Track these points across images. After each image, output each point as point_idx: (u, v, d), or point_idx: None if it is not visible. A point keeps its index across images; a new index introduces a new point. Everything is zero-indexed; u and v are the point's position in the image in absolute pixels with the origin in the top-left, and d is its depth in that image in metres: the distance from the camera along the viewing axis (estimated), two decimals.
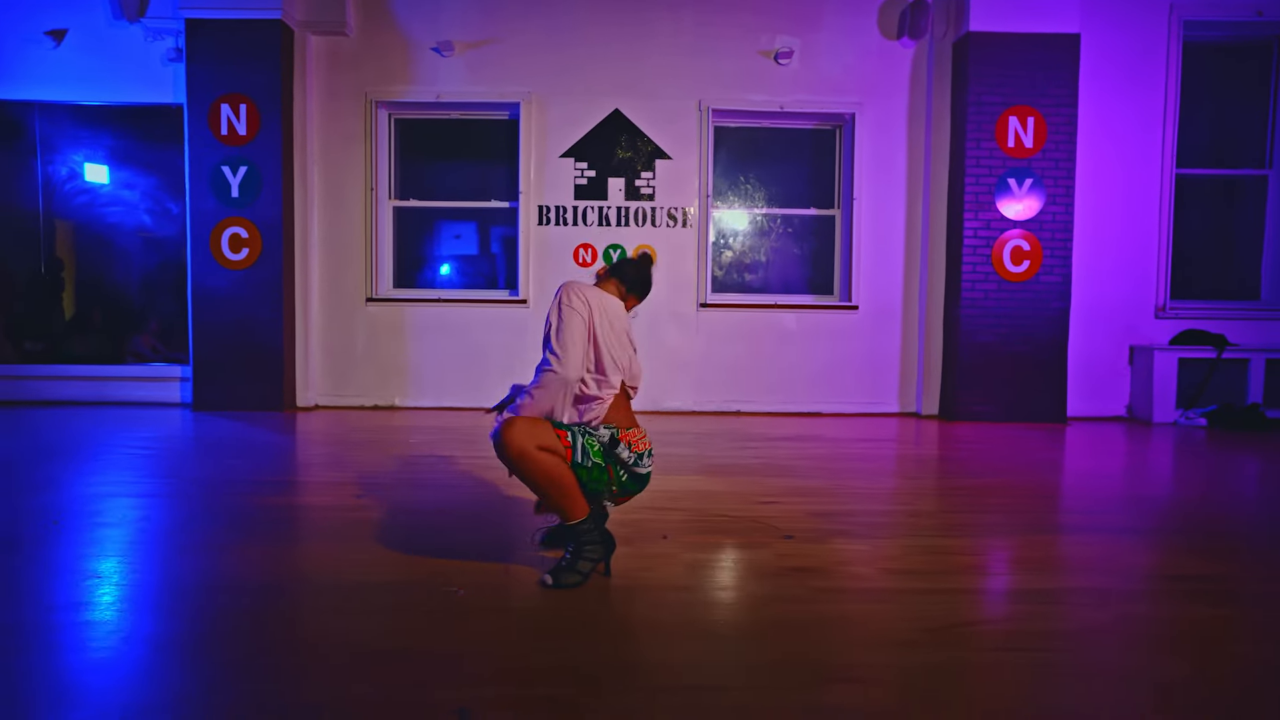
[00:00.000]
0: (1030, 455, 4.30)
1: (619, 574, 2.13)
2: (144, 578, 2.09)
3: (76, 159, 6.06)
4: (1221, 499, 3.31)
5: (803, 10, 5.79)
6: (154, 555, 2.30)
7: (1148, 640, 1.77)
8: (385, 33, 5.77)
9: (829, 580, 2.12)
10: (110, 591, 1.97)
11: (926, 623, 1.82)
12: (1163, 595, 2.07)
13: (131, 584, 2.04)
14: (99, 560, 2.22)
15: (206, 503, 2.92)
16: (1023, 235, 5.59)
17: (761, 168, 6.07)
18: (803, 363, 5.91)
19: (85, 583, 2.02)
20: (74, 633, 1.70)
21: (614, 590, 2.02)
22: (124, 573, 2.12)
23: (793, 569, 2.21)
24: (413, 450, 4.12)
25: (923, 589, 2.07)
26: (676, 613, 1.87)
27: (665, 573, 2.16)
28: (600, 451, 2.06)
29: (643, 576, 2.12)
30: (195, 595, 1.96)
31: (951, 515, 2.91)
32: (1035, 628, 1.81)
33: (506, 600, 1.94)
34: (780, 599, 1.98)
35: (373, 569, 2.16)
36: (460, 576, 2.09)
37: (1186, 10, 5.75)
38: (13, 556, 2.24)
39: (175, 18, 5.55)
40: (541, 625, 1.79)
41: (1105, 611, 1.92)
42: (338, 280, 5.91)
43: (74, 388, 5.92)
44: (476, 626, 1.78)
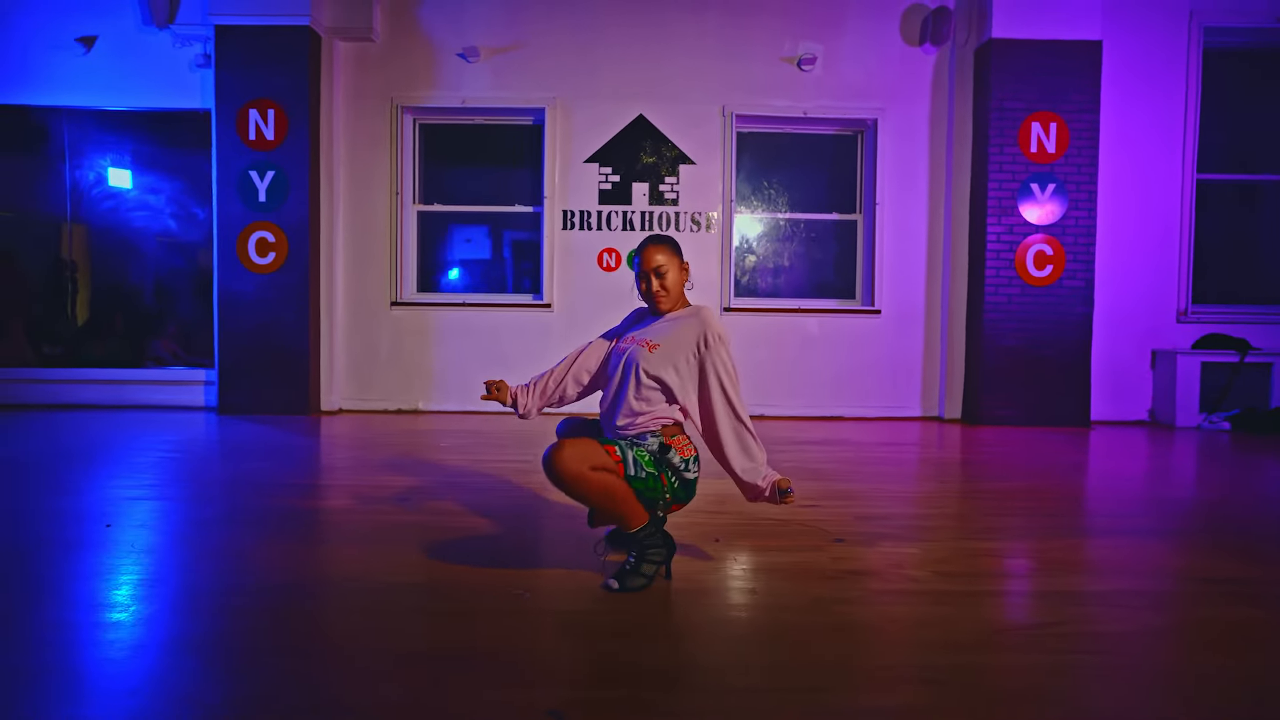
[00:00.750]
0: (1055, 459, 4.31)
1: (680, 578, 2.15)
2: (177, 578, 2.12)
3: (103, 164, 6.11)
4: (1248, 502, 3.33)
5: (826, 17, 5.83)
6: (190, 556, 2.32)
7: (1208, 642, 1.79)
8: (411, 39, 5.81)
9: (887, 583, 2.14)
10: (141, 591, 2.00)
11: (989, 625, 1.84)
12: (1219, 598, 2.09)
13: (164, 585, 2.07)
14: (129, 560, 2.24)
15: (239, 505, 2.95)
16: (1045, 240, 5.61)
17: (784, 173, 6.11)
18: (825, 367, 5.93)
19: (113, 583, 2.05)
20: (94, 633, 1.73)
21: (677, 594, 2.04)
22: (156, 573, 2.15)
23: (849, 572, 2.23)
24: (443, 454, 4.14)
25: (984, 591, 2.09)
26: (742, 614, 1.90)
27: (724, 577, 2.18)
28: (651, 460, 2.08)
29: (703, 580, 2.14)
30: (248, 595, 1.99)
31: (988, 518, 2.93)
32: (1104, 629, 1.83)
33: (572, 603, 1.96)
34: (843, 601, 2.00)
35: (430, 572, 2.19)
36: (519, 580, 2.11)
37: (1207, 17, 5.77)
38: (43, 558, 2.27)
39: (204, 24, 5.60)
40: (611, 628, 1.81)
41: (1166, 614, 1.94)
42: (362, 284, 5.94)
43: (96, 391, 5.95)
44: (546, 629, 1.80)
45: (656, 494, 2.09)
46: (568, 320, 5.87)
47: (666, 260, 2.21)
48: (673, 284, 2.23)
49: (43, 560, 2.23)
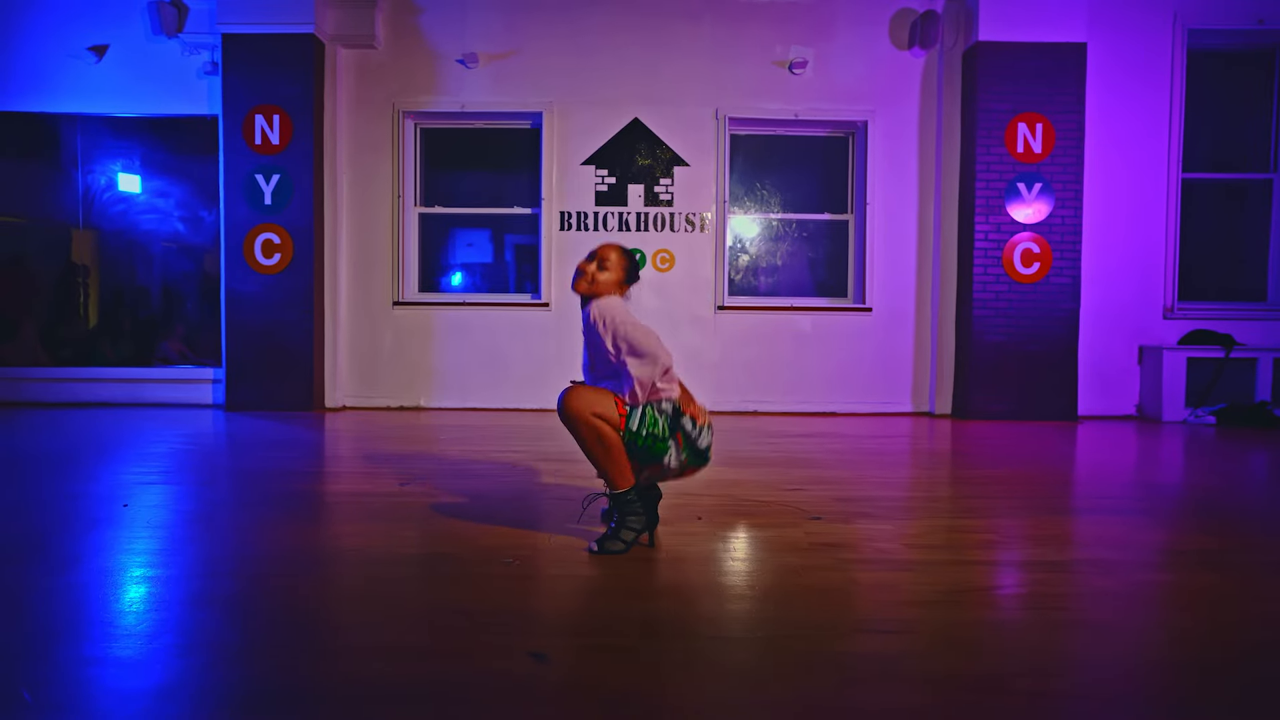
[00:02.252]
0: (1042, 449, 4.43)
1: (661, 548, 2.28)
2: (193, 549, 2.25)
3: (114, 169, 6.28)
4: (1227, 487, 3.44)
5: (816, 21, 5.97)
6: (203, 531, 2.46)
7: (1156, 600, 1.91)
8: (412, 46, 5.98)
9: (857, 554, 2.27)
10: (159, 559, 2.13)
11: (950, 586, 1.97)
12: (1169, 565, 2.21)
13: (180, 554, 2.20)
14: (146, 534, 2.38)
15: (247, 489, 3.09)
16: (1032, 238, 5.73)
17: (777, 174, 6.24)
18: (818, 364, 6.05)
19: (134, 551, 2.19)
20: (117, 592, 1.87)
21: (659, 560, 2.17)
22: (172, 545, 2.29)
23: (822, 544, 2.35)
24: (444, 445, 4.28)
25: (945, 560, 2.21)
26: (719, 578, 2.02)
27: (704, 547, 2.31)
28: (666, 423, 2.22)
29: (683, 550, 2.27)
30: (259, 563, 2.12)
31: (968, 500, 3.05)
32: (1051, 590, 1.95)
33: (558, 568, 2.09)
34: (813, 568, 2.12)
35: (426, 543, 2.32)
36: (510, 549, 2.24)
37: (1190, 19, 5.90)
38: (66, 534, 2.40)
39: (212, 33, 5.77)
40: (594, 588, 1.94)
41: (1115, 578, 2.06)
42: (365, 284, 6.09)
43: (107, 389, 6.11)
44: (533, 589, 1.93)
45: (661, 452, 2.21)
46: (565, 319, 6.01)
47: (615, 261, 2.39)
48: (603, 282, 2.38)
49: (66, 535, 2.37)
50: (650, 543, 2.28)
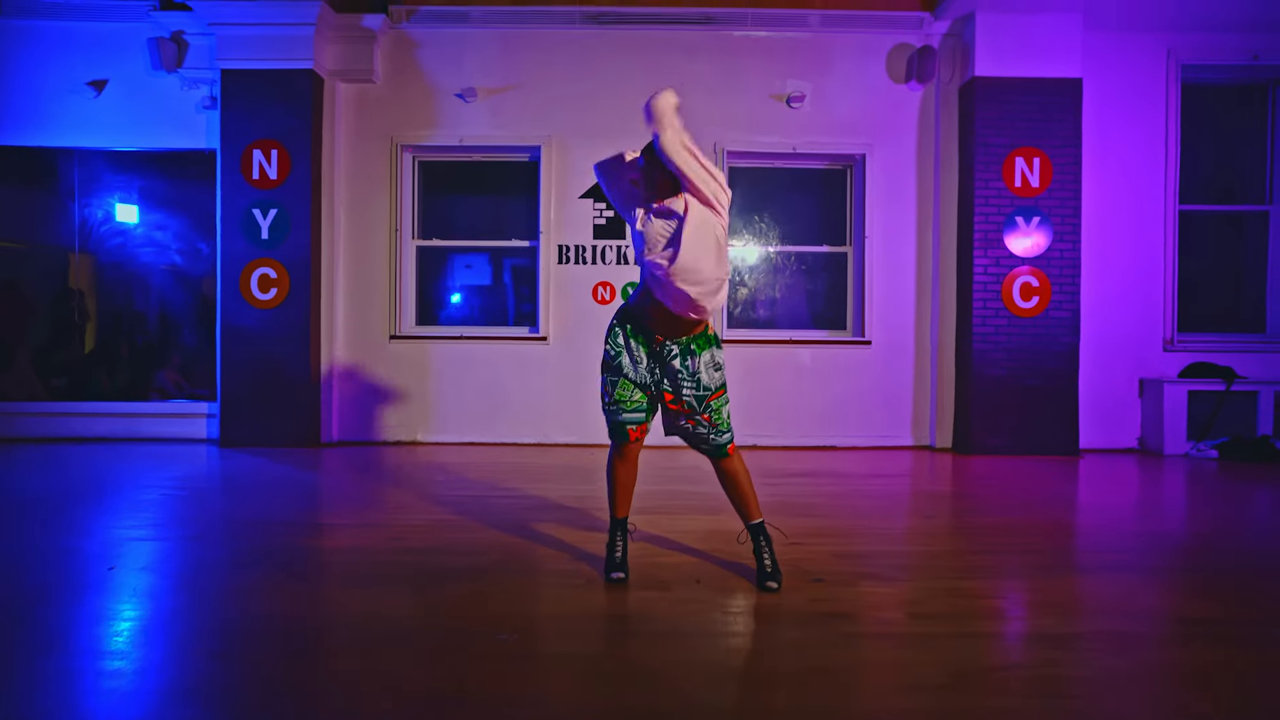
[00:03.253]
0: (1044, 490, 4.39)
1: (661, 619, 2.24)
2: (178, 623, 2.20)
3: (111, 201, 6.27)
4: (1232, 536, 3.39)
5: (814, 55, 5.99)
6: (186, 601, 2.41)
7: (1171, 681, 1.86)
8: (411, 80, 5.99)
9: (860, 625, 2.22)
10: (141, 637, 2.08)
11: (955, 667, 1.92)
12: (1182, 639, 2.16)
13: (164, 631, 2.15)
14: (132, 603, 2.33)
15: (240, 545, 3.04)
16: (1031, 271, 5.72)
17: (775, 206, 6.24)
18: (817, 397, 6.02)
19: (120, 627, 2.14)
20: (95, 680, 1.81)
21: (660, 636, 2.12)
22: (157, 618, 2.24)
23: (825, 614, 2.30)
24: (440, 488, 4.23)
25: (949, 633, 2.16)
26: (719, 657, 1.98)
27: (705, 618, 2.26)
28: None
29: (684, 622, 2.22)
30: (246, 640, 2.07)
31: (970, 556, 3.01)
32: (1060, 673, 1.91)
33: (558, 644, 2.05)
34: (815, 644, 2.08)
35: (418, 613, 2.27)
36: (508, 619, 2.20)
37: (1184, 54, 5.93)
38: (45, 601, 2.35)
39: (211, 68, 5.78)
40: (594, 670, 1.89)
41: (1126, 657, 2.02)
42: (362, 318, 6.07)
43: (102, 424, 6.06)
44: (529, 671, 1.88)
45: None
46: (563, 352, 5.98)
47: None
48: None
49: (47, 605, 2.32)
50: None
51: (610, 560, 2.62)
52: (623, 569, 2.60)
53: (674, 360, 2.49)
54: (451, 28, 5.92)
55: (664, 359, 2.50)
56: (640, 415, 2.55)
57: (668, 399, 2.52)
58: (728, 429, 2.54)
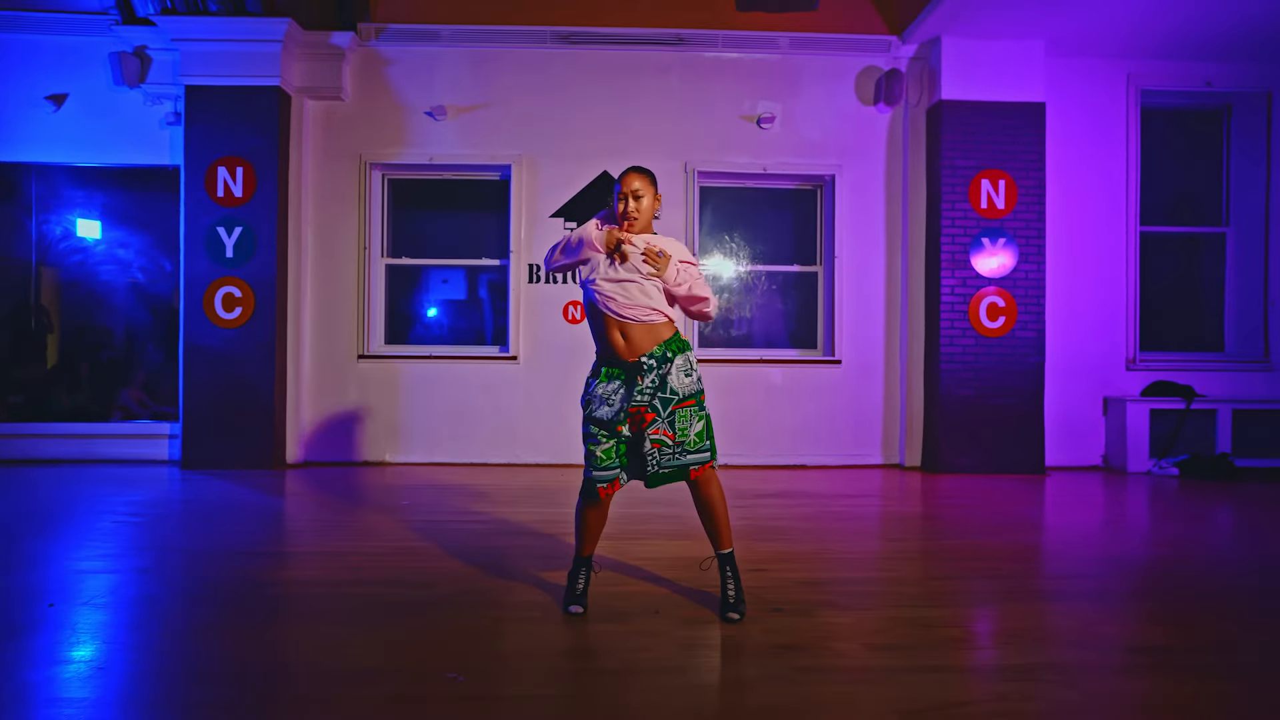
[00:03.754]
0: (1010, 511, 4.42)
1: (614, 654, 2.21)
2: (126, 665, 2.14)
3: (71, 218, 6.15)
4: (1192, 559, 3.44)
5: (784, 77, 6.05)
6: (137, 640, 2.34)
7: (1118, 718, 1.87)
8: (380, 98, 5.95)
9: (815, 658, 2.20)
10: (89, 680, 2.01)
11: (905, 705, 1.91)
12: (1134, 669, 2.18)
13: (113, 672, 2.08)
14: (77, 646, 2.26)
15: (191, 578, 2.96)
16: (997, 292, 5.80)
17: (746, 226, 6.28)
18: (788, 416, 6.03)
19: (61, 669, 2.07)
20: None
21: (609, 674, 2.09)
22: (103, 659, 2.17)
23: (780, 646, 2.29)
24: (404, 513, 4.16)
25: (903, 667, 2.15)
26: (671, 698, 1.95)
27: (659, 653, 2.23)
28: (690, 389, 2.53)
29: (637, 658, 2.19)
30: (201, 685, 2.01)
31: (932, 583, 3.01)
32: (1008, 708, 1.90)
33: (512, 685, 2.01)
34: (768, 680, 2.06)
35: (369, 653, 2.22)
36: (462, 658, 2.15)
37: (1143, 81, 6.08)
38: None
39: (175, 84, 5.71)
40: (547, 713, 1.85)
41: (1077, 689, 2.02)
42: (330, 338, 5.99)
43: (61, 445, 5.91)
44: (479, 714, 1.84)
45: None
46: (533, 372, 5.95)
47: (642, 187, 2.49)
48: (645, 209, 2.49)
49: None
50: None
51: (570, 592, 2.58)
52: (581, 602, 2.56)
53: (648, 374, 2.43)
54: (421, 46, 5.90)
55: (636, 373, 2.44)
56: (611, 473, 2.47)
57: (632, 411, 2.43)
58: (697, 448, 2.46)
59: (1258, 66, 6.05)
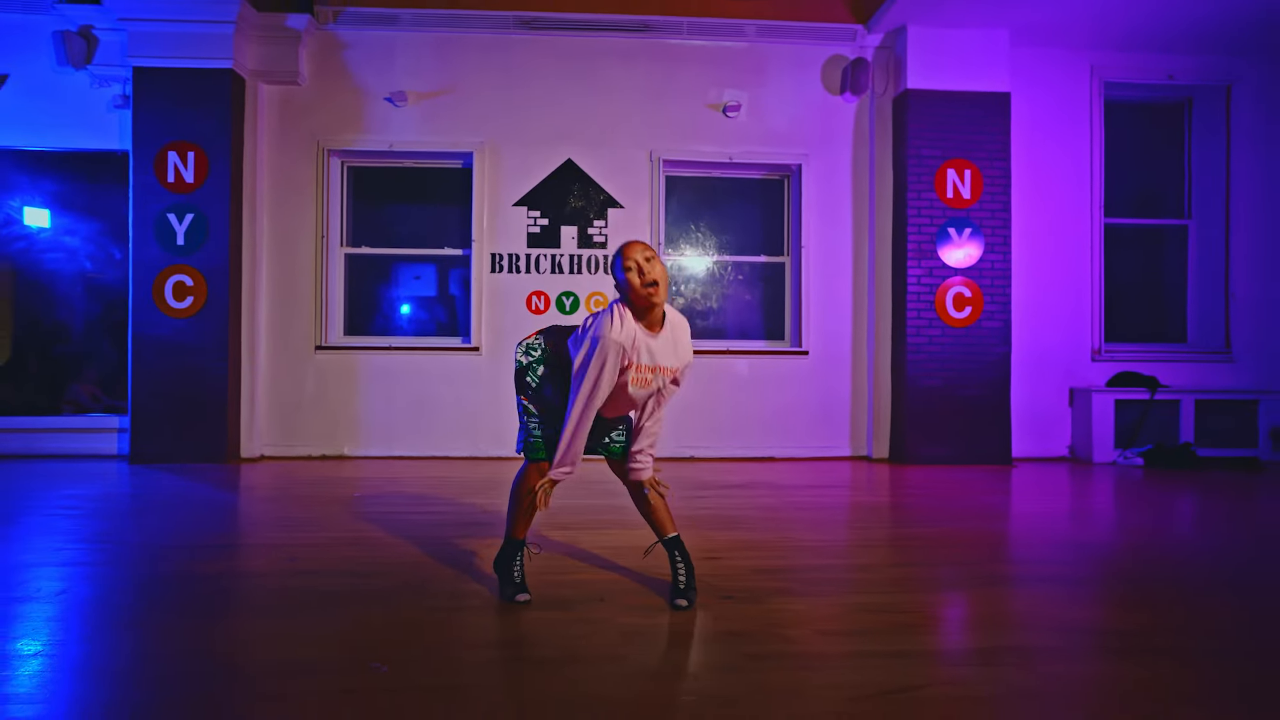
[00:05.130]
0: (975, 500, 4.38)
1: (554, 643, 2.11)
2: (61, 660, 2.00)
3: (14, 204, 5.92)
4: (1156, 545, 3.41)
5: (749, 65, 5.99)
6: (74, 634, 2.20)
7: (1073, 701, 1.80)
8: (338, 83, 5.80)
9: (759, 645, 2.11)
10: (24, 677, 1.88)
11: (853, 691, 1.83)
12: (1090, 652, 2.12)
13: (48, 669, 1.95)
14: (12, 640, 2.12)
15: (134, 573, 2.82)
16: (964, 282, 5.78)
17: (713, 216, 6.21)
18: (756, 408, 5.97)
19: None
20: None
21: (543, 662, 1.99)
22: (40, 654, 2.03)
23: (727, 633, 2.20)
24: (355, 505, 4.03)
25: (854, 651, 2.08)
26: (605, 687, 1.85)
27: (600, 640, 2.13)
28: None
29: (577, 645, 2.10)
30: (117, 680, 1.88)
31: (890, 569, 2.95)
32: (959, 693, 1.83)
33: (432, 676, 1.90)
34: (712, 668, 1.97)
35: (295, 645, 2.10)
36: (387, 649, 2.04)
37: (1106, 73, 6.10)
38: None
39: (123, 65, 5.51)
40: (467, 703, 1.75)
41: (1033, 673, 1.96)
42: (286, 328, 5.82)
43: (4, 440, 5.68)
44: (399, 705, 1.73)
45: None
46: (495, 363, 5.82)
47: (654, 257, 2.30)
48: (663, 283, 2.28)
49: None
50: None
51: (509, 581, 2.48)
52: (525, 589, 2.46)
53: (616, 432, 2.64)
54: (380, 30, 5.76)
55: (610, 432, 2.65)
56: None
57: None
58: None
59: (1218, 59, 6.10)
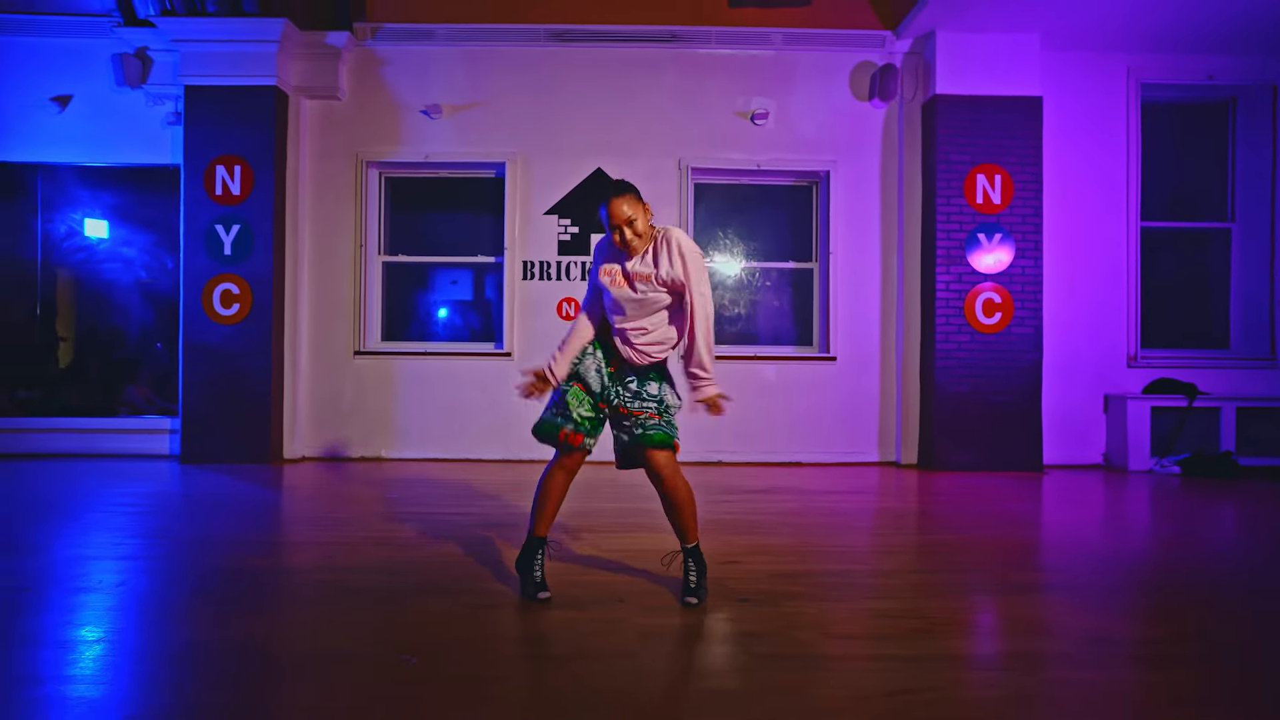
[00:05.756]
0: (1003, 507, 4.36)
1: (567, 640, 2.20)
2: (121, 645, 2.17)
3: (76, 217, 6.27)
4: (1189, 555, 3.37)
5: (777, 73, 6.04)
6: (133, 623, 2.37)
7: (1073, 707, 1.84)
8: (376, 97, 6.01)
9: (774, 646, 2.18)
10: (86, 662, 2.05)
11: (862, 690, 1.89)
12: (1095, 659, 2.14)
13: (108, 654, 2.11)
14: (76, 628, 2.29)
15: (186, 567, 3.00)
16: (994, 288, 5.74)
17: (741, 222, 6.26)
18: (783, 413, 6.00)
19: (56, 653, 2.10)
20: (50, 706, 1.78)
21: (559, 658, 2.09)
22: (101, 640, 2.20)
23: (740, 634, 2.27)
24: (391, 506, 4.19)
25: (860, 654, 2.13)
26: (616, 682, 1.94)
27: (616, 640, 2.22)
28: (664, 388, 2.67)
29: (591, 643, 2.19)
30: (172, 664, 2.03)
31: (909, 575, 2.98)
32: (957, 695, 1.88)
33: (459, 667, 2.01)
34: (722, 667, 2.05)
35: (332, 635, 2.24)
36: (418, 642, 2.16)
37: (1143, 74, 6.00)
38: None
39: (175, 84, 5.80)
40: (489, 694, 1.86)
41: (1034, 677, 1.99)
42: (326, 334, 6.05)
43: (65, 440, 6.01)
44: (426, 695, 1.84)
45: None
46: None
47: (633, 210, 2.42)
48: (642, 230, 2.44)
49: None
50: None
51: (529, 580, 2.58)
52: (545, 586, 2.57)
53: (630, 383, 2.59)
54: (416, 45, 5.95)
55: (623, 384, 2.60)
56: (584, 423, 2.55)
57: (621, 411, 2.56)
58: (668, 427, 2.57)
59: (1261, 59, 5.95)
